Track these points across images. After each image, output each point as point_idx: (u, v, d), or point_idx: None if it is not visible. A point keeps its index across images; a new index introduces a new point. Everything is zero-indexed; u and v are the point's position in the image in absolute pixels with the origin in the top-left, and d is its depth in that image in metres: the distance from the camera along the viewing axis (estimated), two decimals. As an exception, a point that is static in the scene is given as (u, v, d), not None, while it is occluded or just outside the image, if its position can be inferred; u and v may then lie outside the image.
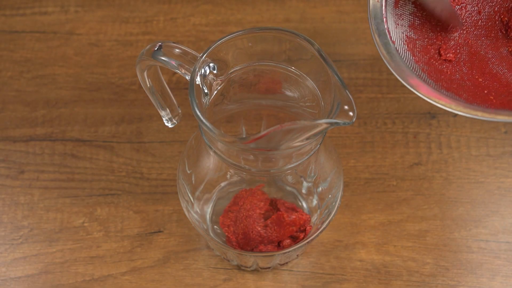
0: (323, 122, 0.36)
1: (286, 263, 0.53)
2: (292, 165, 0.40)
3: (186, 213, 0.49)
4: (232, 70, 0.43)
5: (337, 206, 0.49)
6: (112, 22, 0.66)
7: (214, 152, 0.40)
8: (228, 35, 0.41)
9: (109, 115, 0.62)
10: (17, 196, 0.58)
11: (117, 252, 0.55)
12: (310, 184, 0.49)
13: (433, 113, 0.62)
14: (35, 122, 0.61)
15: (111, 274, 0.54)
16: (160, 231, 0.56)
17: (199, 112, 0.38)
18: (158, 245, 0.55)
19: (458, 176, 0.59)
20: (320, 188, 0.50)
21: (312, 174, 0.47)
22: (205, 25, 0.66)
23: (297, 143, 0.36)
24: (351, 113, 0.36)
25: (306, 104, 0.43)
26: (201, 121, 0.37)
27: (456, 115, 0.62)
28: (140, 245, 0.56)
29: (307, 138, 0.36)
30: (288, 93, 0.44)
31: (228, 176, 0.48)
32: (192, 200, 0.49)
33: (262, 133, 0.35)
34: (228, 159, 0.40)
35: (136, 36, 0.66)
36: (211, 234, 0.50)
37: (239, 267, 0.54)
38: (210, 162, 0.45)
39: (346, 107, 0.36)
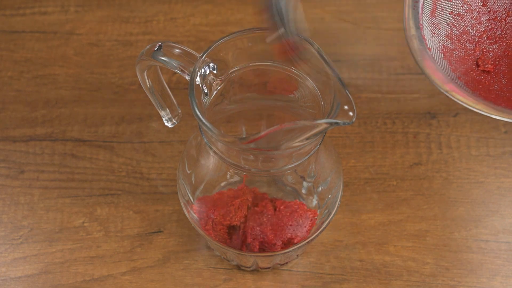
0: (323, 122, 0.35)
1: (286, 263, 0.53)
2: (292, 165, 0.40)
3: (186, 213, 0.49)
4: (232, 70, 0.43)
5: (337, 206, 0.49)
6: (112, 22, 0.66)
7: (214, 152, 0.40)
8: (228, 35, 0.41)
9: (109, 115, 0.61)
10: (17, 196, 0.58)
11: (117, 252, 0.55)
12: (310, 184, 0.49)
13: (433, 113, 0.62)
14: (35, 122, 0.61)
15: (111, 274, 0.54)
16: (160, 231, 0.56)
17: (199, 112, 0.38)
18: (158, 245, 0.55)
19: (458, 176, 0.59)
20: (320, 188, 0.50)
21: (312, 174, 0.47)
22: (205, 25, 0.66)
23: (297, 143, 0.36)
24: (351, 113, 0.36)
25: (306, 104, 0.43)
26: (201, 121, 0.37)
27: (456, 114, 0.62)
28: (140, 245, 0.55)
29: (307, 138, 0.36)
30: (288, 93, 0.44)
31: (228, 176, 0.48)
32: (192, 200, 0.49)
33: (262, 133, 0.35)
34: (228, 159, 0.40)
35: (136, 36, 0.66)
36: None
37: (239, 267, 0.54)
38: (210, 162, 0.45)
39: (346, 107, 0.36)
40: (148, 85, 0.45)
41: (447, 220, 0.57)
